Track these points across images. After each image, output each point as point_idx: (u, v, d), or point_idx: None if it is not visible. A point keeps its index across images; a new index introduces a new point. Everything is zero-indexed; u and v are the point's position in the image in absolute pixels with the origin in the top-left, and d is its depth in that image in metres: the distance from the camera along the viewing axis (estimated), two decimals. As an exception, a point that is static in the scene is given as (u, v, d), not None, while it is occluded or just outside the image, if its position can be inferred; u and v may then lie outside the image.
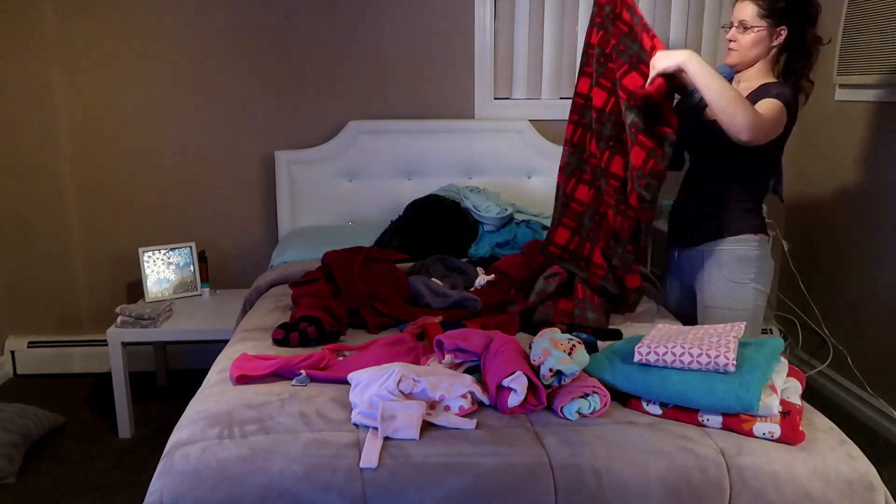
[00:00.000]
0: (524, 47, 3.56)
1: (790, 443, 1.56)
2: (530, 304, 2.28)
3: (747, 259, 2.24)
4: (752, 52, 2.19)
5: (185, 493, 1.45)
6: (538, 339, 1.76)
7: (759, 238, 2.25)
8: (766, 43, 2.17)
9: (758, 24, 2.15)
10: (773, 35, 2.16)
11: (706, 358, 1.58)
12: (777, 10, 2.13)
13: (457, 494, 1.45)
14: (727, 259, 2.25)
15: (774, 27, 2.14)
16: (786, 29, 2.15)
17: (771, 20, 2.14)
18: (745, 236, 2.24)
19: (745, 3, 2.16)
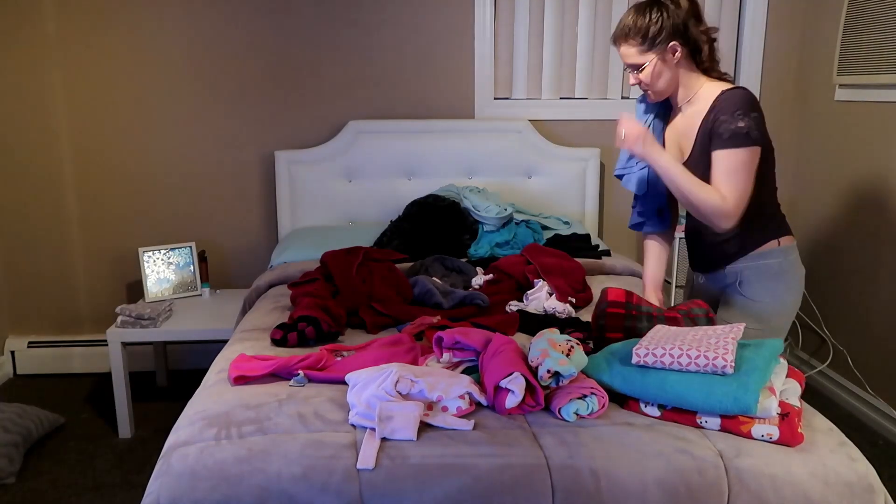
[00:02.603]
0: (524, 47, 3.56)
1: (789, 445, 1.56)
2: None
3: (772, 273, 2.06)
4: (660, 85, 2.04)
5: (183, 493, 1.44)
6: (536, 339, 1.76)
7: (783, 245, 2.06)
8: (668, 67, 2.02)
9: (647, 60, 2.00)
10: (669, 58, 2.00)
11: (704, 360, 1.57)
12: (653, 37, 1.97)
13: (454, 495, 1.45)
14: (751, 276, 2.08)
15: (664, 51, 1.99)
16: (677, 44, 1.98)
17: (656, 49, 1.99)
18: (766, 247, 2.06)
19: (623, 47, 2.03)
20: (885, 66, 2.95)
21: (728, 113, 1.93)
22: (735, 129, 1.91)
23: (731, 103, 1.94)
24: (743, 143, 1.91)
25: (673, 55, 2.00)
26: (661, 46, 1.98)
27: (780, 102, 3.68)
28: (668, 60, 2.01)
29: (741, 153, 1.91)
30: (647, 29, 1.97)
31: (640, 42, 1.99)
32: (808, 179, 3.61)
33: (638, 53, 2.01)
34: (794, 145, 3.72)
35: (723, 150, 1.93)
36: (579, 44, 3.57)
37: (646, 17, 1.97)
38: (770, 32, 3.60)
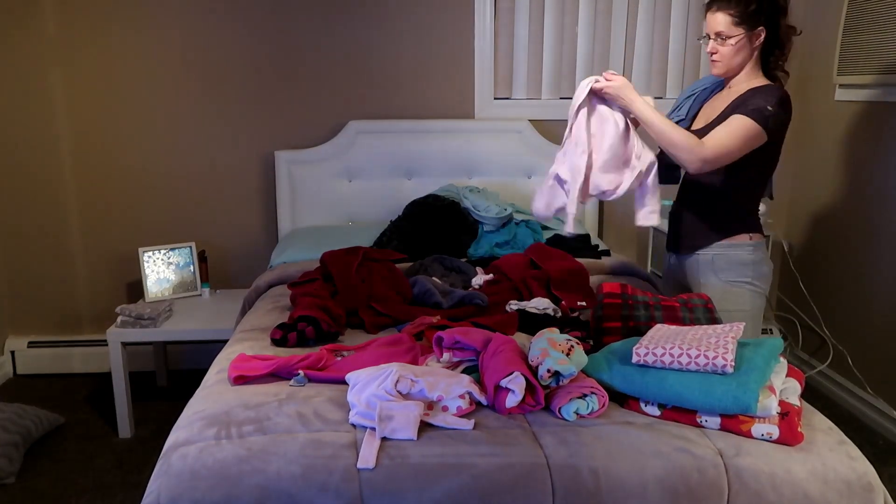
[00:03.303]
0: (524, 47, 3.56)
1: (788, 444, 1.56)
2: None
3: (742, 262, 2.21)
4: (735, 60, 2.17)
5: (183, 493, 1.45)
6: (536, 339, 1.76)
7: (754, 240, 2.22)
8: (747, 48, 2.15)
9: (735, 33, 2.11)
10: (753, 38, 2.13)
11: (704, 359, 1.57)
12: (750, 14, 2.09)
13: (454, 495, 1.45)
14: (722, 263, 2.23)
15: (752, 31, 2.11)
16: (763, 29, 2.12)
17: (747, 25, 2.10)
18: (738, 238, 2.21)
19: (717, 14, 2.12)
20: (885, 66, 2.95)
21: (762, 95, 2.08)
22: (760, 106, 2.05)
23: (770, 92, 2.10)
24: (756, 119, 2.04)
25: (757, 39, 2.13)
26: (752, 25, 2.10)
27: (780, 102, 3.67)
28: (752, 42, 2.14)
29: (749, 123, 2.03)
30: (747, 5, 2.08)
31: (735, 14, 2.09)
32: (808, 179, 3.61)
33: (730, 24, 2.10)
34: (794, 145, 3.72)
35: (737, 115, 2.06)
36: (579, 44, 3.57)
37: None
38: (770, 32, 3.60)
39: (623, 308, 1.94)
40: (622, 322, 1.92)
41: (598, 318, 1.97)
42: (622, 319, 1.93)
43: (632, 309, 1.94)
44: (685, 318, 1.93)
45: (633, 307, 1.95)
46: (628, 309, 1.94)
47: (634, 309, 1.94)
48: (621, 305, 1.95)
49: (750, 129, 2.04)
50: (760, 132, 2.05)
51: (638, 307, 1.95)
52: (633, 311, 1.94)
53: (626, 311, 1.94)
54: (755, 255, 2.22)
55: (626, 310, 1.94)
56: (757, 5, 2.08)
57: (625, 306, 1.95)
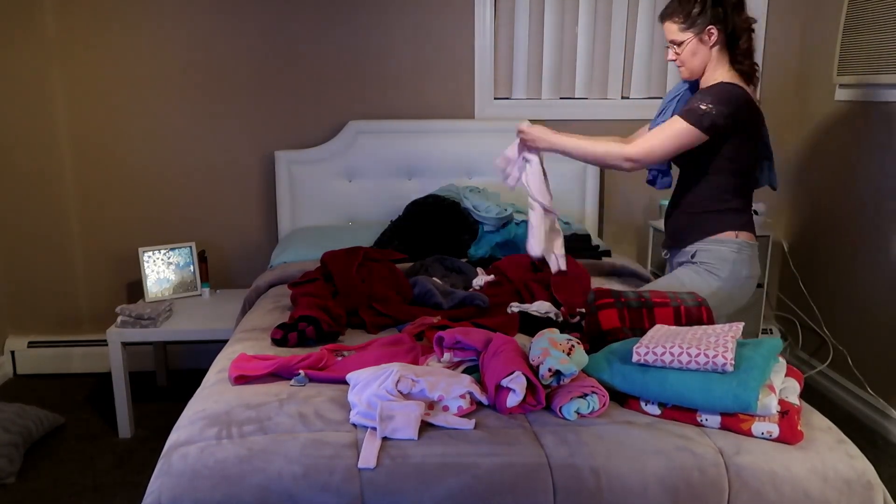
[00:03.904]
0: (524, 47, 3.56)
1: (788, 442, 1.56)
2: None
3: (721, 258, 2.24)
4: (695, 63, 2.24)
5: (184, 493, 1.44)
6: (537, 339, 1.76)
7: (739, 239, 2.25)
8: (702, 49, 2.21)
9: (685, 38, 2.20)
10: (705, 39, 2.19)
11: (704, 358, 1.58)
12: (694, 17, 2.17)
13: (455, 494, 1.45)
14: (702, 255, 2.27)
15: (701, 33, 2.18)
16: (714, 28, 2.18)
17: (695, 29, 2.18)
18: (723, 235, 2.25)
19: (666, 24, 2.23)
20: (885, 66, 2.95)
21: (702, 95, 2.16)
22: (694, 106, 2.13)
23: (713, 91, 2.16)
24: (687, 118, 2.13)
25: (710, 38, 2.19)
26: (700, 27, 2.18)
27: (780, 102, 3.68)
28: (705, 42, 2.20)
29: (679, 123, 2.14)
30: (690, 9, 2.17)
31: (681, 20, 2.19)
32: (808, 179, 3.61)
33: (678, 31, 2.21)
34: (794, 145, 3.72)
35: (675, 116, 2.17)
36: (579, 44, 3.57)
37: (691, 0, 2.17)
38: (770, 32, 3.60)
39: (616, 304, 1.97)
40: (618, 311, 1.96)
41: (592, 311, 1.99)
42: (617, 307, 1.97)
43: (624, 299, 1.99)
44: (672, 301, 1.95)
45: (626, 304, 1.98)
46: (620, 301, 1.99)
47: (627, 298, 1.99)
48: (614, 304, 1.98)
49: (679, 129, 2.14)
50: (692, 131, 2.13)
51: (630, 301, 1.98)
52: (626, 302, 1.99)
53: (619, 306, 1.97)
54: (738, 254, 2.24)
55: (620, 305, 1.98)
56: (700, 7, 2.16)
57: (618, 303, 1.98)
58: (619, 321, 1.93)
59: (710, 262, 2.25)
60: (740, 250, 2.24)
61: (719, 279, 2.24)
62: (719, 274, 2.24)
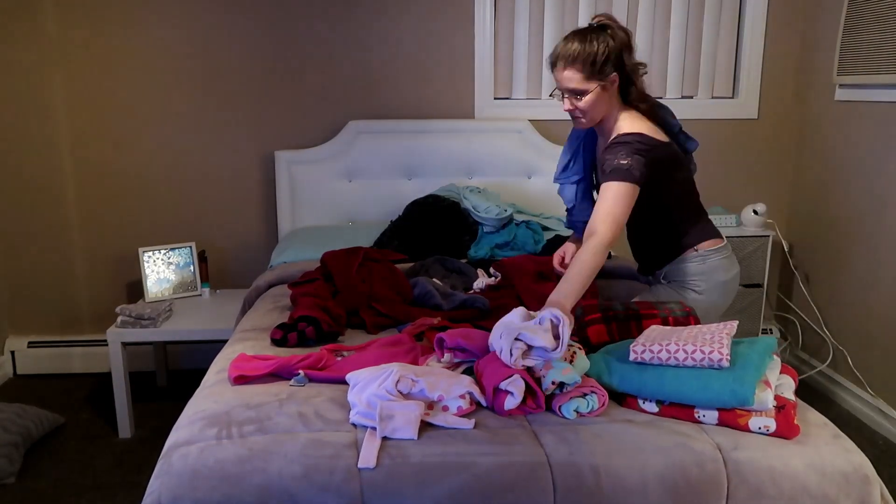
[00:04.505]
0: (524, 47, 3.56)
1: (786, 437, 1.57)
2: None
3: (691, 273, 2.22)
4: (597, 112, 2.11)
5: (184, 493, 1.45)
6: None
7: (701, 250, 2.21)
8: (605, 97, 2.08)
9: (590, 87, 2.05)
10: (609, 86, 2.07)
11: (700, 354, 1.59)
12: (601, 66, 2.02)
13: (455, 494, 1.45)
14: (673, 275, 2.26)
15: (606, 80, 2.05)
16: (616, 74, 2.05)
17: (600, 76, 2.04)
18: (684, 254, 2.22)
19: (566, 72, 2.05)
20: (885, 66, 2.95)
21: (612, 153, 2.03)
22: (615, 166, 2.00)
23: (618, 147, 2.04)
24: (620, 178, 1.99)
25: (612, 84, 2.07)
26: (605, 75, 2.04)
27: (780, 102, 3.68)
28: (608, 89, 2.07)
29: (616, 187, 1.99)
30: (595, 56, 2.01)
31: (585, 69, 2.03)
32: (808, 179, 3.62)
33: (582, 80, 2.04)
34: (794, 145, 3.72)
35: (605, 182, 2.01)
36: (579, 44, 3.57)
37: (593, 45, 2.02)
38: (770, 32, 3.60)
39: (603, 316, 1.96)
40: (603, 317, 1.94)
41: (578, 318, 1.97)
42: (602, 312, 1.95)
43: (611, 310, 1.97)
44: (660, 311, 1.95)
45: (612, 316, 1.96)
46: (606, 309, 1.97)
47: (614, 310, 1.97)
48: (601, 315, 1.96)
49: (620, 191, 1.99)
50: (630, 187, 1.99)
51: (617, 313, 1.96)
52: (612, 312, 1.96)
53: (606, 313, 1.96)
54: (705, 264, 2.21)
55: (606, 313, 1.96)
56: (605, 55, 2.02)
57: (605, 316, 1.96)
58: (608, 335, 1.91)
59: (680, 280, 2.24)
60: (705, 260, 2.21)
61: (696, 292, 2.22)
62: (695, 287, 2.22)
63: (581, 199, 2.40)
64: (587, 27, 2.08)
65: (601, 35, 2.03)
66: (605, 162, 2.05)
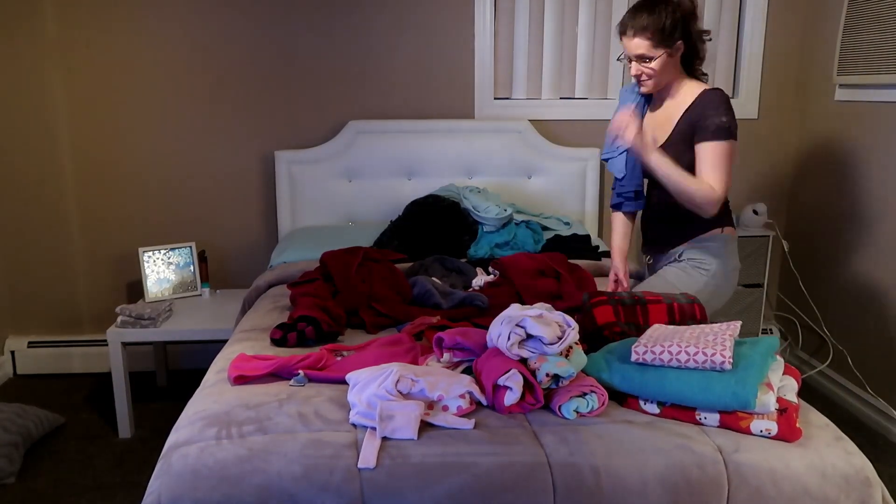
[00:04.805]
0: (524, 47, 3.56)
1: (787, 439, 1.57)
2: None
3: (711, 255, 2.28)
4: (664, 78, 2.23)
5: (184, 493, 1.44)
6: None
7: (724, 234, 2.29)
8: (671, 63, 2.21)
9: (657, 54, 2.17)
10: (674, 52, 2.19)
11: (703, 356, 1.58)
12: (667, 33, 2.14)
13: (455, 494, 1.45)
14: (693, 254, 2.30)
15: (672, 47, 2.17)
16: (682, 42, 2.18)
17: (667, 43, 2.16)
18: (709, 234, 2.28)
19: (634, 39, 2.17)
20: (885, 66, 2.95)
21: (713, 109, 2.15)
22: (720, 123, 2.13)
23: (715, 101, 2.16)
24: (726, 136, 2.13)
25: (677, 52, 2.18)
26: (671, 42, 2.16)
27: (780, 102, 3.68)
28: (674, 56, 2.19)
29: (725, 145, 2.14)
30: (664, 25, 2.13)
31: (654, 36, 2.14)
32: (808, 179, 3.62)
33: (651, 47, 2.16)
34: (794, 145, 3.72)
35: (709, 143, 2.14)
36: (579, 44, 3.58)
37: (661, 15, 2.13)
38: (770, 32, 3.60)
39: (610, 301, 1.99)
40: (612, 307, 1.97)
41: (587, 309, 2.00)
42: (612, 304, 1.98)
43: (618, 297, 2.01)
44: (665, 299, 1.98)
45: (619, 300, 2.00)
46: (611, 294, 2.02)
47: (620, 297, 2.01)
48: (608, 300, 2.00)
49: (725, 150, 2.14)
50: (734, 144, 2.16)
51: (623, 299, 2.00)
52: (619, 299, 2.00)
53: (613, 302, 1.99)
54: (725, 248, 2.28)
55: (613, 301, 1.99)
56: (671, 22, 2.13)
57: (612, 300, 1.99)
58: (615, 316, 1.94)
59: (698, 259, 2.28)
60: (726, 244, 2.29)
61: (707, 274, 2.27)
62: (707, 268, 2.27)
63: (632, 167, 2.42)
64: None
65: (668, 5, 2.15)
66: (704, 120, 2.14)
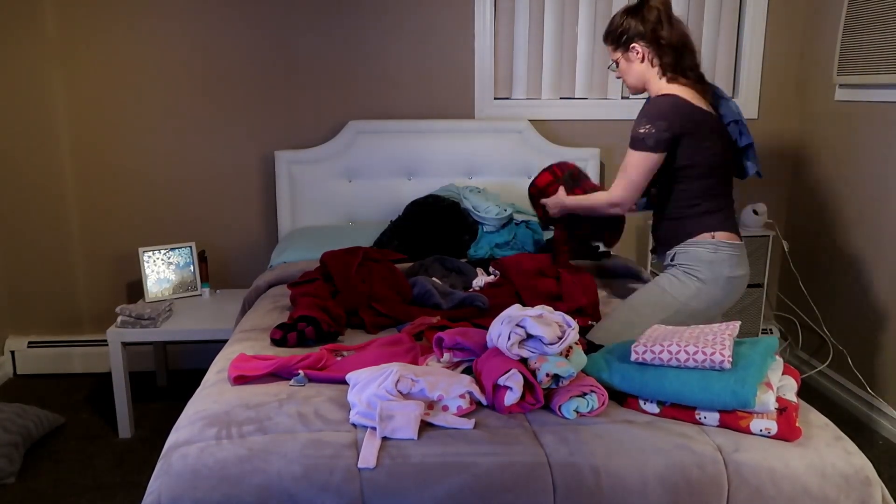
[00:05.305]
0: (524, 47, 3.56)
1: (787, 439, 1.57)
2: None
3: (699, 259, 2.26)
4: (630, 79, 2.37)
5: (184, 493, 1.44)
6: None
7: (716, 239, 2.26)
8: (634, 65, 2.33)
9: (615, 57, 2.36)
10: (631, 57, 2.32)
11: (702, 355, 1.58)
12: (617, 38, 2.32)
13: (455, 494, 1.45)
14: (682, 258, 2.30)
15: (626, 51, 2.31)
16: (636, 45, 2.29)
17: (621, 48, 2.32)
18: (699, 237, 2.27)
19: (607, 47, 2.39)
20: (885, 66, 2.95)
21: (639, 118, 2.24)
22: (634, 132, 2.24)
23: (645, 110, 2.24)
24: (637, 147, 2.23)
25: (636, 55, 2.31)
26: (624, 47, 2.32)
27: (780, 102, 3.68)
28: (632, 59, 2.32)
29: (634, 155, 2.24)
30: (615, 31, 2.33)
31: (610, 41, 2.36)
32: (808, 179, 3.62)
33: (610, 52, 2.38)
34: (794, 145, 3.72)
35: (629, 149, 2.27)
36: (579, 44, 3.58)
37: (615, 22, 2.33)
38: (770, 32, 3.61)
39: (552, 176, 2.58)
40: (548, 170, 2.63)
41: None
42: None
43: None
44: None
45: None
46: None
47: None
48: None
49: (636, 159, 2.24)
50: (646, 156, 2.23)
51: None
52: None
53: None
54: (716, 254, 2.25)
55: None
56: (620, 28, 2.30)
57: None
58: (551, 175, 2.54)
59: (688, 264, 2.27)
60: (717, 250, 2.25)
61: (699, 280, 2.25)
62: (698, 275, 2.25)
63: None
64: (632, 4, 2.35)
65: (626, 12, 2.31)
66: (634, 126, 2.25)
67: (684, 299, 2.24)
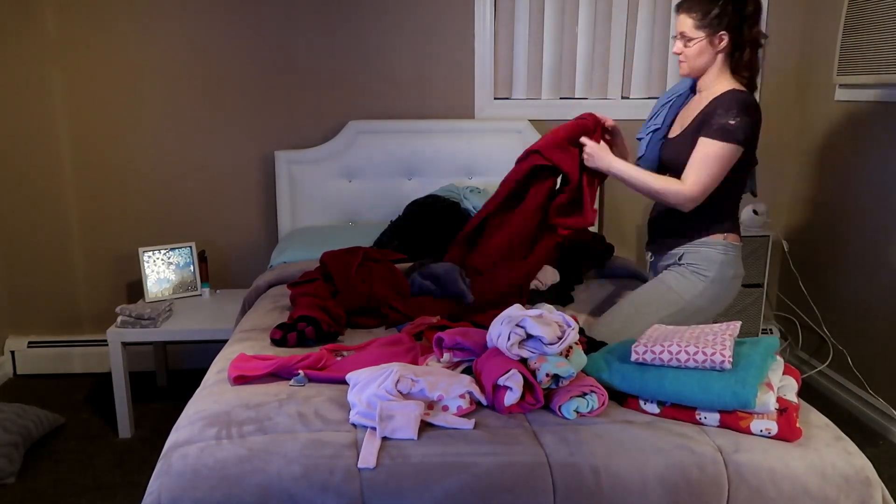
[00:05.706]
0: (524, 47, 3.56)
1: (787, 439, 1.57)
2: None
3: (710, 260, 2.25)
4: (698, 62, 2.24)
5: (184, 493, 1.45)
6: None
7: (727, 241, 2.26)
8: (709, 51, 2.21)
9: (696, 36, 2.20)
10: (715, 42, 2.19)
11: (702, 356, 1.58)
12: (712, 19, 2.17)
13: (455, 494, 1.45)
14: (689, 258, 2.28)
15: (713, 35, 2.18)
16: (726, 34, 2.18)
17: (709, 30, 2.18)
18: (711, 238, 2.26)
19: (681, 15, 2.22)
20: (885, 66, 2.95)
21: (724, 108, 2.14)
22: (724, 123, 2.12)
23: (731, 100, 2.14)
24: (724, 139, 2.12)
25: (719, 43, 2.19)
26: (714, 30, 2.17)
27: (780, 102, 3.68)
28: (714, 45, 2.20)
29: (719, 146, 2.12)
30: (710, 10, 2.16)
31: (698, 17, 2.18)
32: (808, 179, 3.62)
33: (692, 26, 2.20)
34: (794, 145, 3.72)
35: (706, 139, 2.14)
36: (579, 44, 3.58)
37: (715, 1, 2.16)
38: (770, 32, 3.60)
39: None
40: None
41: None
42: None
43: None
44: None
45: None
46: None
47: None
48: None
49: (721, 151, 2.13)
50: (733, 149, 2.13)
51: None
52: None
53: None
54: (725, 255, 2.25)
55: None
56: (719, 11, 2.15)
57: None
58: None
59: (698, 264, 2.26)
60: (727, 251, 2.26)
61: (706, 280, 2.24)
62: (706, 274, 2.24)
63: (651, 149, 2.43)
64: None
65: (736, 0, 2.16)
66: (712, 117, 2.14)
67: (689, 297, 2.24)
